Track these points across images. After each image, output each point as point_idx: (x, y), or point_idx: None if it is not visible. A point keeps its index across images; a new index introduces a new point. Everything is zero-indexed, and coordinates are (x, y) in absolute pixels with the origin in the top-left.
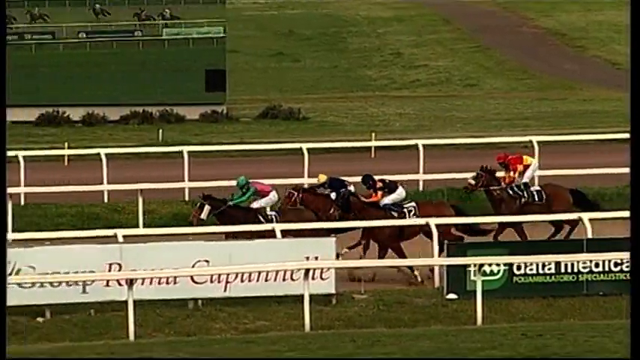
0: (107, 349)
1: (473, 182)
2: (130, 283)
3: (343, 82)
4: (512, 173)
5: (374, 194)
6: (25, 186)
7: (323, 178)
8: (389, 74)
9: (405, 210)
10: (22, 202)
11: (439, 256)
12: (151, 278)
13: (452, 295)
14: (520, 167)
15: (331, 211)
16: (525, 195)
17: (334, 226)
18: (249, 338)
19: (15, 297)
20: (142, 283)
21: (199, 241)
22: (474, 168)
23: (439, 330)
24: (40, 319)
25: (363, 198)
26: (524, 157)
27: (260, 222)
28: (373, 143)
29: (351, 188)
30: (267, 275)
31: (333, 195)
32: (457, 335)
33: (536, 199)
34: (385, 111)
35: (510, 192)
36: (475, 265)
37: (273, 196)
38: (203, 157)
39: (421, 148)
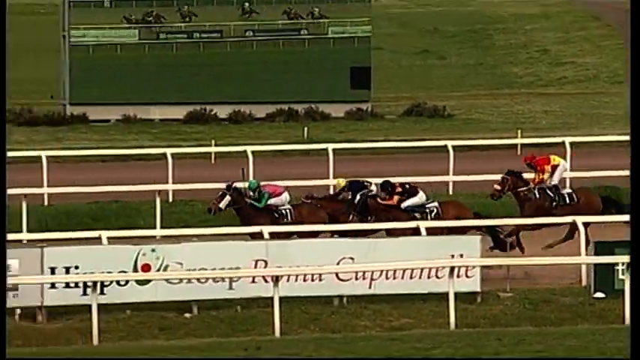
0: (253, 345)
1: (499, 187)
2: (276, 279)
3: (489, 79)
4: (540, 174)
5: (388, 198)
6: (173, 183)
7: (342, 182)
8: (535, 71)
9: (427, 210)
10: (171, 199)
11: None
12: (297, 275)
13: (599, 294)
14: (548, 167)
15: (350, 218)
16: (556, 198)
17: (353, 228)
18: (394, 336)
19: (163, 293)
20: (288, 280)
21: (344, 238)
22: (621, 166)
23: (586, 329)
24: (187, 315)
25: (380, 200)
26: (552, 156)
27: (275, 217)
28: (519, 141)
29: (373, 188)
30: (412, 272)
31: (350, 197)
32: (604, 334)
33: (568, 202)
34: (531, 108)
35: (538, 193)
36: (623, 264)
37: (284, 197)
38: (348, 154)
39: (568, 146)
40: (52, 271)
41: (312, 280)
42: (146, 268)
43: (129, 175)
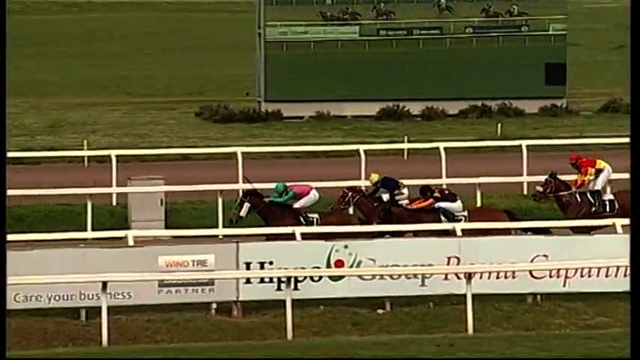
0: (446, 342)
1: (541, 189)
2: (469, 276)
3: None
4: (582, 176)
5: (421, 200)
6: (364, 180)
7: (375, 178)
8: None
9: (456, 219)
10: None
11: None
12: (489, 272)
13: None
14: (591, 170)
15: (373, 223)
16: (596, 204)
17: (380, 230)
18: (590, 334)
19: (356, 289)
20: (480, 277)
21: (538, 235)
22: None
23: None
24: (380, 311)
25: (408, 206)
26: (598, 160)
27: (299, 222)
28: None
29: (405, 191)
30: (607, 270)
31: (385, 197)
32: None
33: (607, 210)
34: None
35: (580, 198)
36: None
37: (313, 195)
38: (542, 151)
39: None
40: (247, 266)
41: (505, 277)
42: (339, 264)
43: (322, 171)
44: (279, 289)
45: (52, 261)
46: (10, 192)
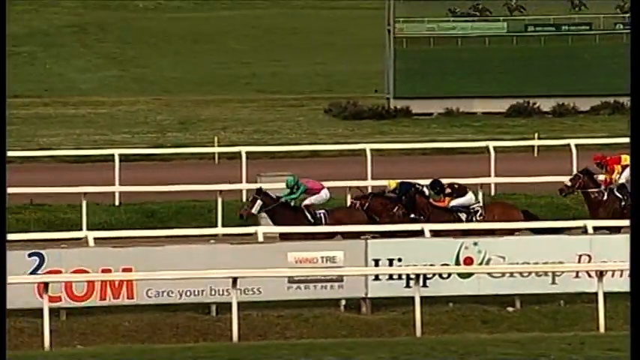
0: (577, 340)
1: (569, 184)
2: (600, 274)
3: None
4: (610, 174)
5: (441, 200)
6: (495, 177)
7: (393, 184)
8: None
9: (472, 211)
10: (493, 193)
11: None
12: (622, 270)
13: None
14: (618, 167)
15: (394, 210)
16: (625, 197)
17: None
18: None
19: (485, 286)
20: (612, 275)
21: None
22: None
23: None
24: (510, 309)
25: (432, 201)
26: (623, 156)
27: (308, 220)
28: None
29: (425, 191)
30: None
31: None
32: None
33: None
34: None
35: (608, 195)
36: None
37: (324, 194)
38: None
39: None
40: (376, 263)
41: None
42: (468, 261)
43: (450, 168)
44: (407, 286)
45: (182, 257)
46: (141, 188)
